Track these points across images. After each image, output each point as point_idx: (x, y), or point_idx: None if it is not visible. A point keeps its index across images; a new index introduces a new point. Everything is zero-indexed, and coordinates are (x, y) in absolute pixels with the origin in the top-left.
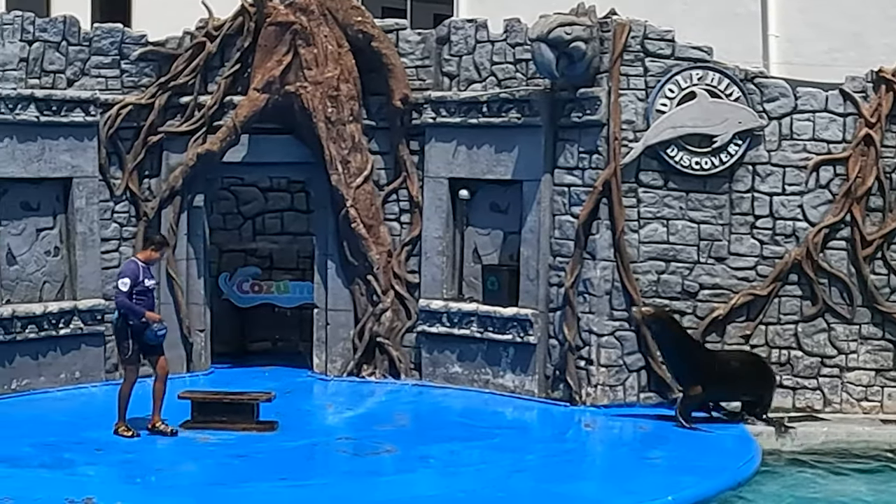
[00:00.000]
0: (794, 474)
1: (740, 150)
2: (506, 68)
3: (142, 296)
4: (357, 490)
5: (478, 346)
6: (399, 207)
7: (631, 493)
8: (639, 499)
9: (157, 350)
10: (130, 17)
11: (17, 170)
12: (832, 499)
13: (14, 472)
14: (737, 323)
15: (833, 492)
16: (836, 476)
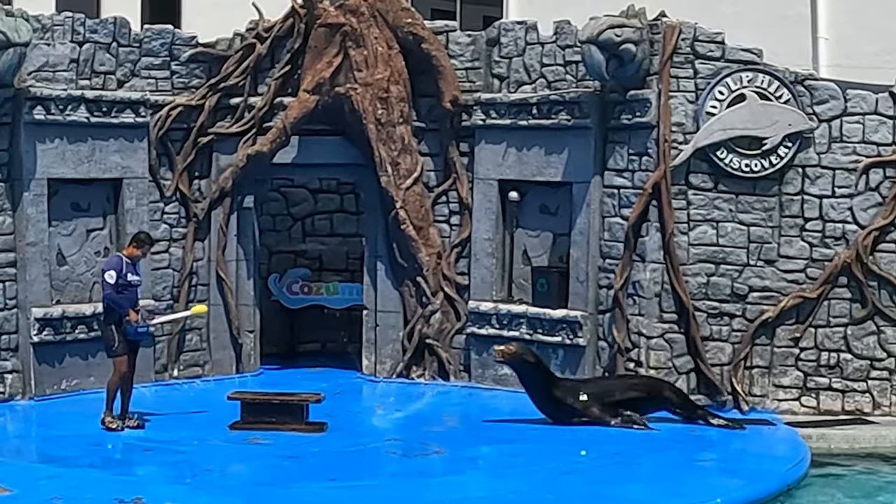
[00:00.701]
0: (844, 477)
1: (790, 153)
2: (556, 70)
3: (124, 290)
4: (406, 491)
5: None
6: (449, 209)
7: (679, 496)
8: (687, 501)
9: (135, 348)
10: (180, 19)
11: (68, 171)
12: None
13: (63, 472)
14: (786, 325)
15: (883, 495)
16: (886, 479)
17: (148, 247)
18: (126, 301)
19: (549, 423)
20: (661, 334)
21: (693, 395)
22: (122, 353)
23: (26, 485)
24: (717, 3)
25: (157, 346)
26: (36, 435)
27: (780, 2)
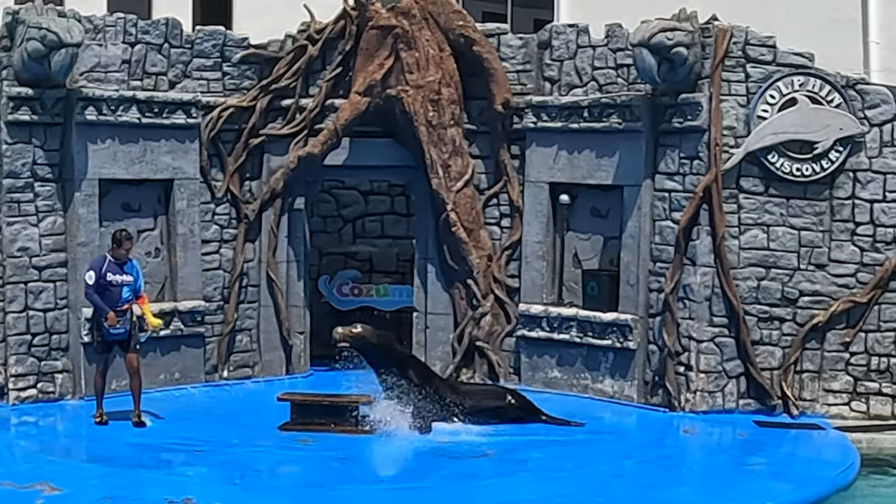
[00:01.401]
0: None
1: (841, 157)
2: (607, 73)
3: (105, 290)
4: (455, 493)
5: (577, 351)
6: (499, 212)
7: (729, 500)
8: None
9: (125, 346)
10: (231, 20)
11: (119, 171)
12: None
13: (113, 472)
14: (836, 330)
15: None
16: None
17: (128, 243)
18: (107, 301)
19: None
20: (712, 338)
21: (743, 399)
22: (100, 351)
23: (76, 485)
24: (768, 6)
25: (207, 348)
26: (86, 435)
27: (831, 6)
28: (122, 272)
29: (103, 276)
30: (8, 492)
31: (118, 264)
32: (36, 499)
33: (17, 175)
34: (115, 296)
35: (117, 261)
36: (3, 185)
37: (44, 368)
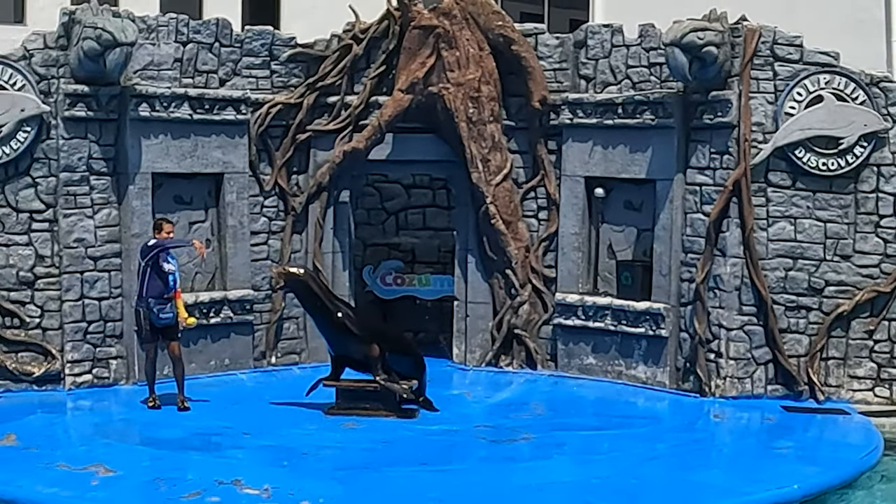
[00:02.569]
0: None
1: (865, 152)
2: (640, 71)
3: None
4: (494, 475)
5: (611, 339)
6: (537, 205)
7: (758, 482)
8: (766, 487)
9: (168, 333)
10: (279, 20)
11: (171, 165)
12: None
13: (165, 454)
14: (861, 318)
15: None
16: None
17: (168, 226)
18: (157, 289)
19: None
20: (741, 326)
21: (771, 384)
22: (149, 340)
23: (129, 466)
24: (795, 7)
25: (255, 335)
26: (138, 419)
27: (856, 7)
28: (169, 260)
29: (157, 259)
30: (64, 473)
31: (166, 252)
32: (91, 480)
33: (74, 169)
34: (165, 279)
35: (166, 249)
36: (60, 178)
37: (98, 355)
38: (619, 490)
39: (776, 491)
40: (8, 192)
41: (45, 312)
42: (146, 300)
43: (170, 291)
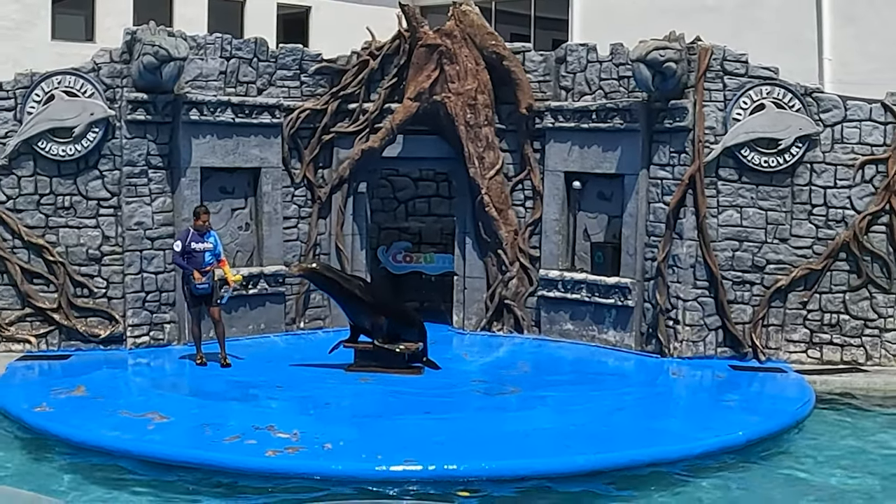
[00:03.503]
0: (842, 413)
1: (800, 152)
2: (611, 83)
3: (190, 256)
4: (487, 423)
5: (586, 308)
6: (524, 195)
7: (709, 429)
8: (715, 433)
9: (208, 301)
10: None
11: (217, 161)
12: (870, 433)
13: (210, 404)
14: (796, 291)
15: (870, 427)
16: (874, 415)
17: (205, 215)
18: (192, 264)
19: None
20: (695, 298)
21: (720, 347)
22: (193, 305)
23: (180, 414)
24: (741, 30)
25: (287, 304)
26: (188, 373)
27: (792, 29)
28: (203, 240)
29: (188, 244)
30: (125, 419)
31: (200, 234)
32: (147, 425)
33: (135, 164)
34: (199, 259)
35: (198, 231)
36: (123, 171)
37: (154, 320)
38: (593, 435)
39: (724, 436)
40: (79, 183)
41: (110, 284)
42: (187, 274)
43: (205, 266)
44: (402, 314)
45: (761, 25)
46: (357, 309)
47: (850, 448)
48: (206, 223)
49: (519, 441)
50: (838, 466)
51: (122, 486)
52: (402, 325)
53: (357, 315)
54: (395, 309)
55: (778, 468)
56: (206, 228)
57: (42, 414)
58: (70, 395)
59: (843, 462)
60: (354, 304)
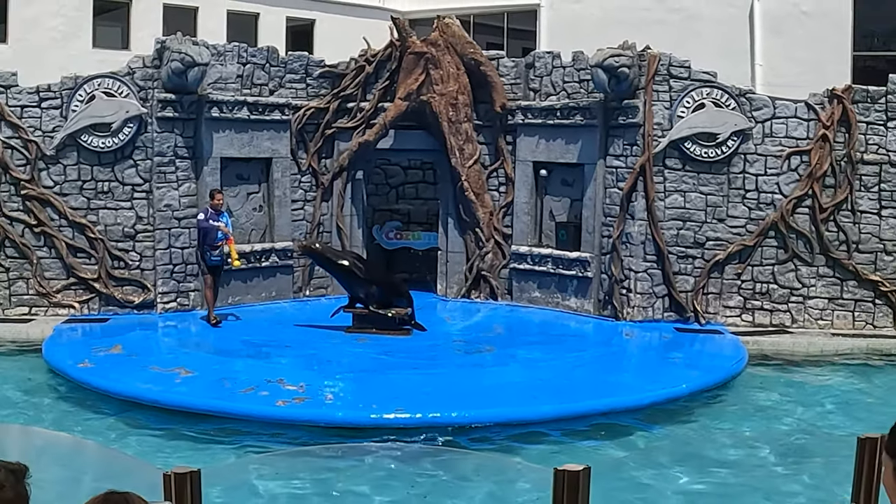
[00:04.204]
0: (771, 369)
1: (735, 144)
2: (573, 85)
3: (206, 230)
4: (467, 377)
5: (551, 279)
6: (498, 181)
7: (657, 382)
8: (662, 386)
9: (214, 271)
10: (313, 47)
11: (234, 152)
12: (796, 384)
13: (228, 360)
14: (732, 264)
15: (796, 380)
16: (799, 372)
17: (218, 195)
18: (208, 239)
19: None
20: (645, 269)
21: (667, 312)
22: (206, 272)
23: (203, 369)
24: (685, 40)
25: (294, 274)
26: (209, 335)
27: (728, 39)
28: (217, 219)
29: (207, 220)
30: (156, 373)
31: (216, 213)
32: (175, 379)
33: (164, 154)
34: (213, 235)
35: (215, 210)
36: (154, 161)
37: (181, 288)
38: (557, 388)
39: (670, 389)
40: (116, 171)
41: (142, 257)
42: (202, 247)
43: (216, 241)
44: (391, 285)
45: (702, 36)
46: (351, 281)
47: (775, 398)
48: (220, 202)
49: (494, 393)
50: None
51: (153, 432)
52: (392, 294)
53: (352, 286)
54: (385, 280)
55: (715, 416)
56: (220, 208)
57: (84, 369)
58: (108, 353)
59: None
60: (349, 277)
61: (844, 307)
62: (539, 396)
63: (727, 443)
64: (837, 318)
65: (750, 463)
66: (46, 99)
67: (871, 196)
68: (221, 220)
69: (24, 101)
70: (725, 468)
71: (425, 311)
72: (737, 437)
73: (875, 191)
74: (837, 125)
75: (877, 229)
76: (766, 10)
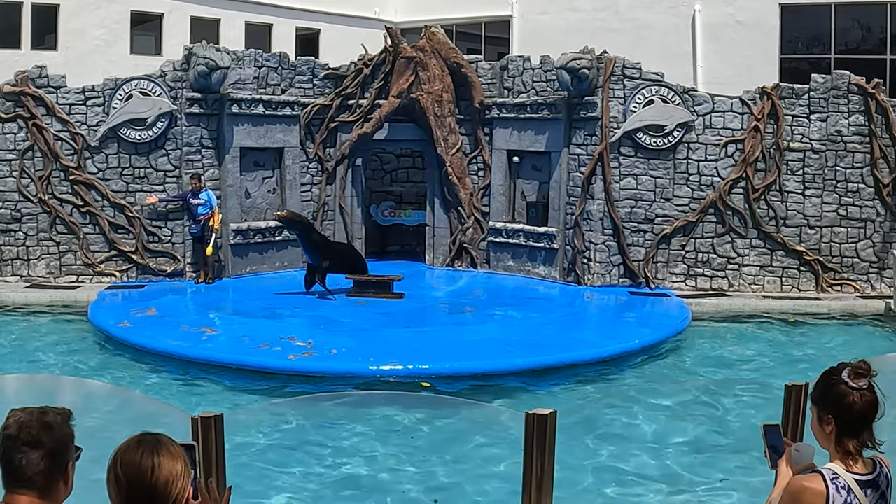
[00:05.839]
0: (711, 327)
1: (680, 135)
2: (541, 84)
3: (189, 207)
4: (451, 334)
5: (523, 250)
6: (477, 167)
7: (614, 339)
8: (618, 342)
9: (200, 240)
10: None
11: (252, 142)
12: (732, 340)
13: (247, 321)
14: (677, 237)
15: (732, 337)
16: (735, 327)
17: (194, 180)
18: (189, 214)
19: (534, 295)
20: (603, 242)
21: (622, 278)
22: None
23: (225, 328)
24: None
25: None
26: (231, 299)
27: (673, 45)
28: (196, 197)
29: (187, 199)
30: (185, 332)
31: (194, 193)
32: (202, 336)
33: (192, 145)
34: (193, 210)
35: (193, 191)
36: (183, 151)
37: None
38: (528, 343)
39: (625, 344)
40: (151, 159)
41: (173, 233)
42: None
43: (198, 216)
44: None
45: (651, 42)
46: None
47: (715, 351)
48: (195, 186)
49: (474, 347)
50: (706, 364)
51: (182, 382)
52: (347, 265)
53: (311, 254)
54: (344, 252)
55: (662, 367)
56: (198, 189)
57: (124, 328)
58: (144, 315)
59: (709, 361)
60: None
61: (774, 273)
62: (513, 350)
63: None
64: (768, 283)
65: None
66: (91, 98)
67: (796, 178)
68: (201, 196)
69: (71, 99)
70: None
71: (415, 278)
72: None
73: (800, 174)
74: (767, 118)
75: (801, 207)
76: (705, 19)
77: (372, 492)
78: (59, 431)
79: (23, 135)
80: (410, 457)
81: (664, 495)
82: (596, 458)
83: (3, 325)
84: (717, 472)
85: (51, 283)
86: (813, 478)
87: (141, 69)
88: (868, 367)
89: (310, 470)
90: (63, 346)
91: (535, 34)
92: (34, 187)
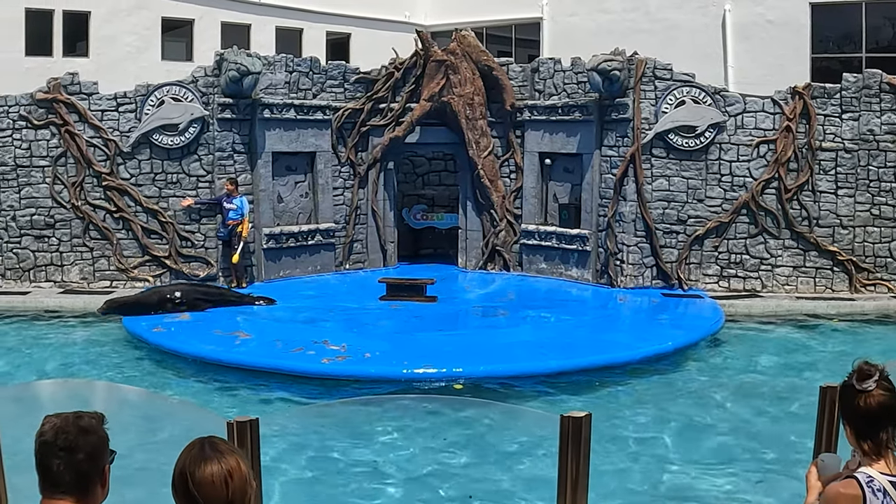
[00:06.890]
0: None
1: (712, 135)
2: (572, 86)
3: (222, 211)
4: (484, 337)
5: (556, 252)
6: (509, 169)
7: (647, 340)
8: (651, 344)
9: (227, 244)
10: (349, 56)
11: (284, 147)
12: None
13: (280, 325)
14: (710, 238)
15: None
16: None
17: (228, 184)
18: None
19: (567, 297)
20: (636, 244)
21: (655, 280)
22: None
23: (258, 332)
24: (667, 46)
25: (336, 251)
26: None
27: (704, 46)
28: (229, 202)
29: (221, 202)
30: (218, 336)
31: (229, 197)
32: (235, 340)
33: (223, 150)
34: (224, 214)
35: (228, 195)
36: (216, 155)
37: None
38: (561, 345)
39: (658, 346)
40: (183, 164)
41: (206, 238)
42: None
43: (228, 220)
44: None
45: (681, 43)
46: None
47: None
48: (230, 190)
49: (507, 350)
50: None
51: (216, 386)
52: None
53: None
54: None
55: (696, 369)
56: (232, 194)
57: (157, 333)
58: (178, 320)
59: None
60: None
61: (807, 274)
62: (546, 353)
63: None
64: (801, 284)
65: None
66: (123, 104)
67: (828, 178)
68: (233, 202)
69: (104, 105)
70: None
71: (448, 281)
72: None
73: (832, 174)
74: (799, 118)
75: (834, 206)
76: (735, 19)
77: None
78: (95, 435)
79: (55, 141)
80: (445, 457)
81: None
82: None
83: (37, 331)
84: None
85: (85, 288)
86: (848, 483)
87: (172, 75)
88: (871, 368)
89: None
90: (96, 349)
91: (565, 36)
92: (67, 193)
